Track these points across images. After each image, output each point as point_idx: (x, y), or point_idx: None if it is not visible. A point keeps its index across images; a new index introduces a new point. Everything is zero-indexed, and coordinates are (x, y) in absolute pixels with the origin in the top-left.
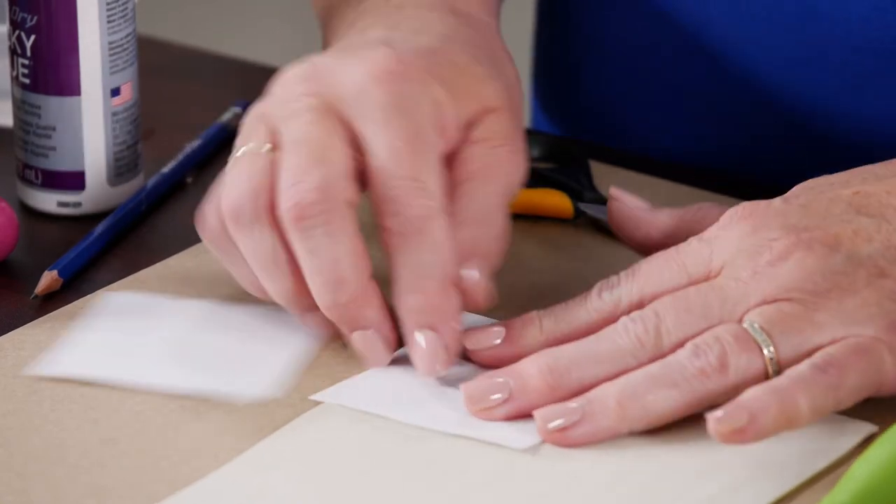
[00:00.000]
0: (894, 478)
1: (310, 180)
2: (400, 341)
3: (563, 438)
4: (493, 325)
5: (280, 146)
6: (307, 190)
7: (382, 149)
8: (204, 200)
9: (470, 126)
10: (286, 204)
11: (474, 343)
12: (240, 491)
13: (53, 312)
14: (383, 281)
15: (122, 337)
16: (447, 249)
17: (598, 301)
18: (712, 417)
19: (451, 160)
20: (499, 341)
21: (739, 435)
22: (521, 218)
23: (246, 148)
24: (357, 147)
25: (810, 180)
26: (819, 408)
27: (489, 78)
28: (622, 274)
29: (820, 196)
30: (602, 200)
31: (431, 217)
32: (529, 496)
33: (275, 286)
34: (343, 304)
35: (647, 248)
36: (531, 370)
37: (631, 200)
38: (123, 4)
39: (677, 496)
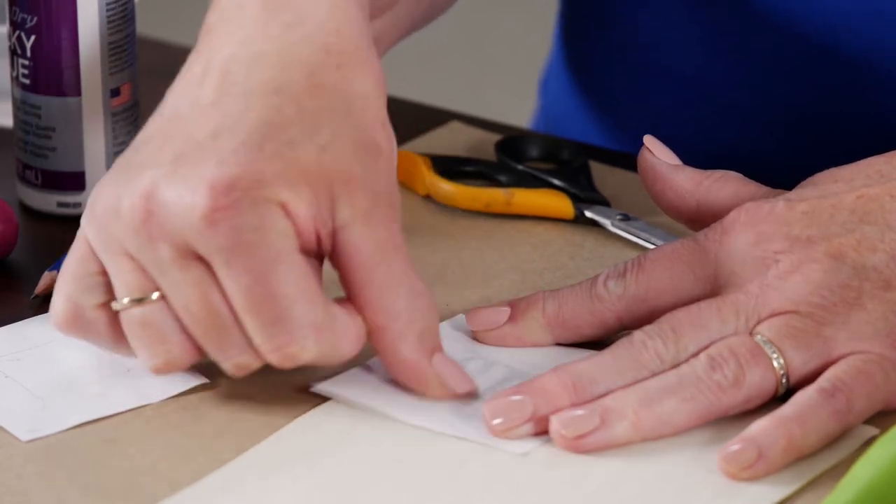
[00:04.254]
0: None
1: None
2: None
3: (579, 445)
4: (498, 304)
5: (170, 301)
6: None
7: (237, 298)
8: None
9: (331, 207)
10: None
11: (478, 324)
12: (240, 491)
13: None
14: None
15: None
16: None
17: (603, 289)
18: (722, 456)
19: (334, 246)
20: (502, 322)
21: (749, 471)
22: (521, 218)
23: (130, 298)
24: None
25: (815, 176)
26: (828, 435)
27: (330, 145)
28: (628, 264)
29: (823, 201)
30: (602, 201)
31: (305, 349)
32: (528, 499)
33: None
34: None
35: (661, 203)
36: (554, 387)
37: (661, 151)
38: (123, 4)
39: (678, 498)
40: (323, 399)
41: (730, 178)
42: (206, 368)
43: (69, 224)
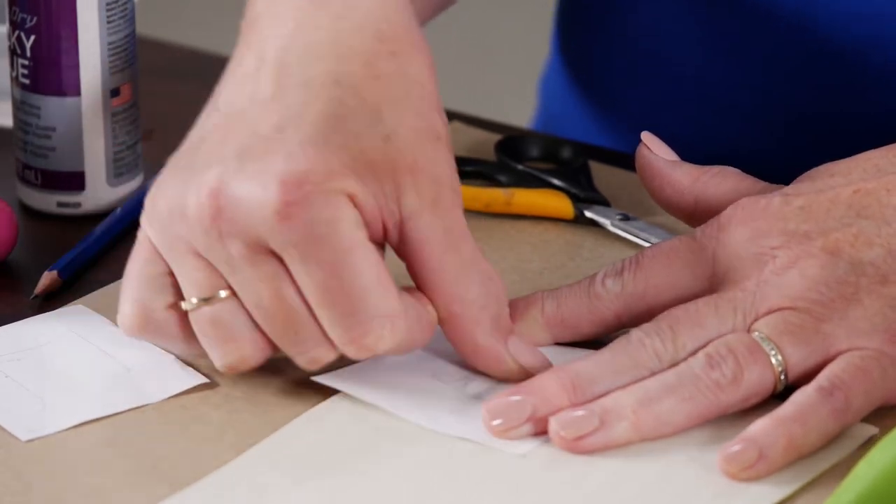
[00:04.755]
0: None
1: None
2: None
3: (578, 446)
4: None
5: (241, 298)
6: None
7: (312, 291)
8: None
9: (398, 197)
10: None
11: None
12: (240, 491)
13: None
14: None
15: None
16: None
17: (601, 288)
18: (722, 456)
19: (401, 236)
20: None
21: (749, 472)
22: (521, 218)
23: (199, 297)
24: None
25: (811, 171)
26: (828, 434)
27: (393, 134)
28: (626, 262)
29: (819, 196)
30: (602, 201)
31: (382, 339)
32: (528, 499)
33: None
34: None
35: (659, 200)
36: (553, 387)
37: (658, 147)
38: (123, 5)
39: (678, 498)
40: (322, 398)
41: (728, 174)
42: (206, 368)
43: (69, 224)
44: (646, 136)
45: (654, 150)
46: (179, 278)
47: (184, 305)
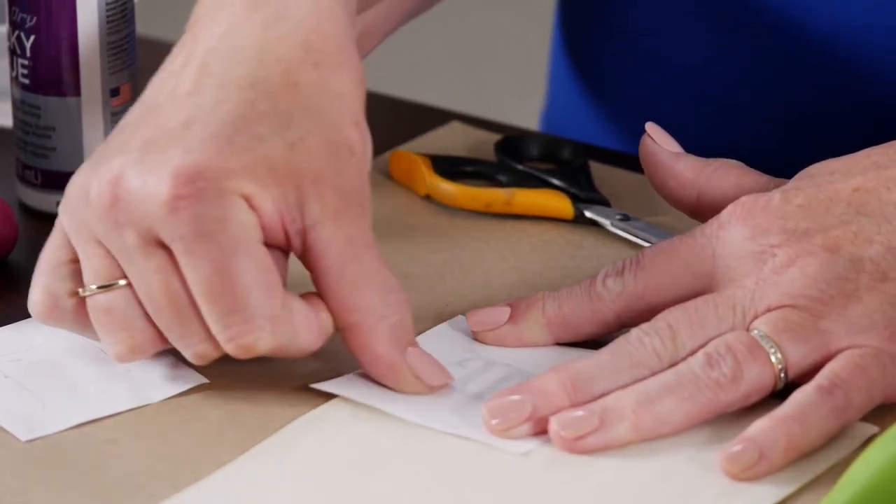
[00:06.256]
0: (894, 479)
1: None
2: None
3: (578, 446)
4: (499, 305)
5: (135, 287)
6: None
7: (196, 286)
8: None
9: (301, 205)
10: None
11: (478, 324)
12: (240, 491)
13: None
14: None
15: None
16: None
17: (602, 288)
18: (724, 457)
19: (304, 245)
20: (502, 322)
21: (751, 472)
22: (521, 218)
23: (97, 285)
24: None
25: (811, 168)
26: (828, 432)
27: (300, 143)
28: (626, 261)
29: (819, 194)
30: (602, 201)
31: (261, 340)
32: (528, 499)
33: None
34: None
35: (662, 192)
36: (553, 387)
37: (663, 139)
38: (123, 4)
39: (678, 498)
40: (323, 399)
41: (731, 167)
42: (206, 368)
43: None
44: (651, 127)
45: (659, 141)
46: (82, 265)
47: (81, 292)
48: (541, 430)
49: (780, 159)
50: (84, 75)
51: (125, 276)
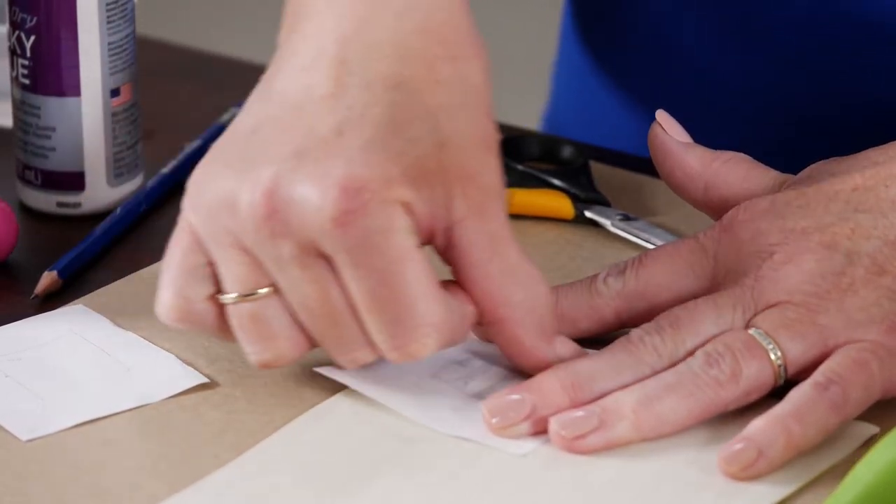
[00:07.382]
0: None
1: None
2: None
3: (578, 446)
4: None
5: (286, 296)
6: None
7: (361, 297)
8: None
9: (447, 203)
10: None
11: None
12: (240, 491)
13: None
14: None
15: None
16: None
17: (602, 285)
18: (722, 457)
19: (448, 241)
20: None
21: (750, 471)
22: (521, 218)
23: (239, 292)
24: None
25: (810, 168)
26: (826, 429)
27: (448, 141)
28: (629, 261)
29: (819, 194)
30: (602, 201)
31: (427, 346)
32: (528, 499)
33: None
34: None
35: (670, 183)
36: (553, 386)
37: (672, 127)
38: (123, 5)
39: (678, 498)
40: (322, 399)
41: (739, 161)
42: (206, 368)
43: (69, 224)
44: (661, 115)
45: (669, 130)
46: (221, 271)
47: (223, 299)
48: (541, 430)
49: (782, 161)
50: (84, 75)
51: (270, 284)
